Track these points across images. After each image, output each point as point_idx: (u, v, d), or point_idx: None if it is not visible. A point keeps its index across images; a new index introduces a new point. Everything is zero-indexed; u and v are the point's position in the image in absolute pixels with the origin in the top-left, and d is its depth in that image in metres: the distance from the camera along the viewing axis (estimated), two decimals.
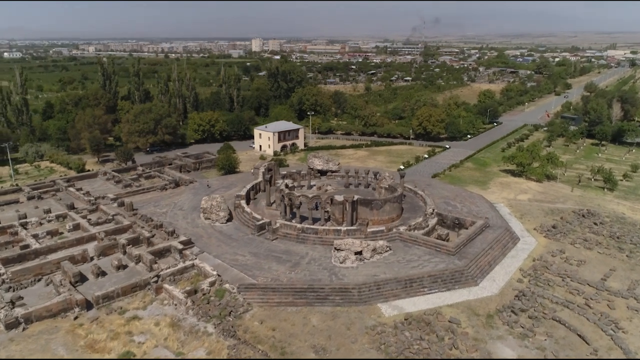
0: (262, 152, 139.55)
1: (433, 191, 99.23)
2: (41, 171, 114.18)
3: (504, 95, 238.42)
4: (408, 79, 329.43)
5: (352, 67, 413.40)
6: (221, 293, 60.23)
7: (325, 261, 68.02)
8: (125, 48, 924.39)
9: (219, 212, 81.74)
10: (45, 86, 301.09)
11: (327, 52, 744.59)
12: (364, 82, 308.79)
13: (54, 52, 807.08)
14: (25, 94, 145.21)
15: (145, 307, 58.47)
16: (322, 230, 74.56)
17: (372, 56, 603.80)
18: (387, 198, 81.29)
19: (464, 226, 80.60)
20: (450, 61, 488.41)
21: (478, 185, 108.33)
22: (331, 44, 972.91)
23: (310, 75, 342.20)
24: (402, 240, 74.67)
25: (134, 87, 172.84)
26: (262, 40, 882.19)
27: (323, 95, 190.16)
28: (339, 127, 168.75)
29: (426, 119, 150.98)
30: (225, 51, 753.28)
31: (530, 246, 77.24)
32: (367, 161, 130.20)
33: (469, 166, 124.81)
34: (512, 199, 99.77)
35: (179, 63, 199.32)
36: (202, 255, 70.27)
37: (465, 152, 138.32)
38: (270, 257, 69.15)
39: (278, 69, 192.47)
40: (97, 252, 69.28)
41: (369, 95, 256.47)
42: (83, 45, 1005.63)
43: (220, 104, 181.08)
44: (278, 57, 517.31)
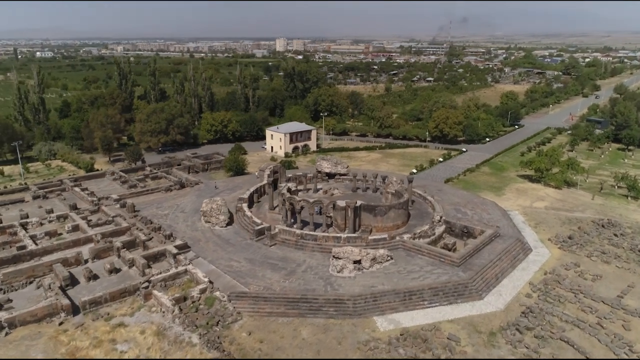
0: (274, 154, 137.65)
1: (444, 197, 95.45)
2: (51, 170, 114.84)
3: (528, 97, 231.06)
4: (430, 80, 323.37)
5: (374, 67, 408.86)
6: (211, 301, 58.26)
7: (323, 270, 65.37)
8: (152, 48, 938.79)
9: (218, 215, 79.96)
10: (70, 85, 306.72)
11: (351, 52, 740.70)
12: (384, 83, 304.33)
13: (84, 51, 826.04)
14: (43, 93, 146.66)
15: (133, 313, 56.93)
16: (322, 237, 71.92)
17: (395, 56, 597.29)
18: (392, 204, 78.10)
19: (473, 235, 76.81)
20: (475, 61, 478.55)
21: (493, 191, 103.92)
22: (356, 44, 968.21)
23: (331, 76, 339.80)
24: (405, 249, 71.41)
25: (149, 86, 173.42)
26: (286, 40, 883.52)
27: (339, 96, 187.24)
28: (354, 129, 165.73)
29: (443, 121, 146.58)
30: (249, 51, 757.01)
31: (543, 258, 72.94)
32: (380, 164, 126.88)
33: (485, 171, 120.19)
34: (528, 206, 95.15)
35: (194, 63, 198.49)
36: (197, 260, 68.52)
37: (483, 156, 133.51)
38: (266, 264, 66.91)
39: (294, 69, 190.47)
40: (91, 254, 68.27)
41: (389, 96, 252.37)
42: (112, 45, 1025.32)
43: (236, 104, 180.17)
44: (300, 57, 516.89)
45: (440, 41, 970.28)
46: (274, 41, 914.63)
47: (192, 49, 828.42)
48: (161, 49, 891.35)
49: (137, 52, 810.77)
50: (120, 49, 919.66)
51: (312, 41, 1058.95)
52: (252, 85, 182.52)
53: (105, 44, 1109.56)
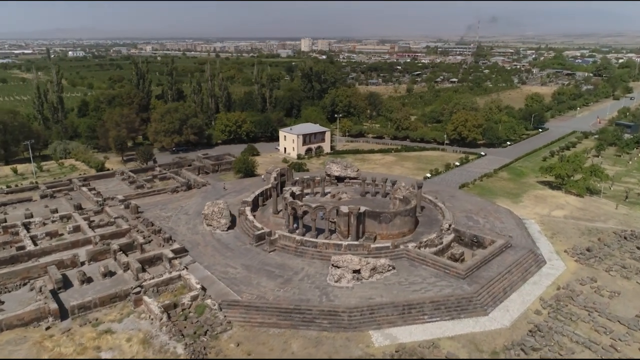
0: (286, 155, 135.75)
1: (456, 203, 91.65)
2: (63, 169, 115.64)
3: (555, 99, 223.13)
4: (454, 81, 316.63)
5: (398, 67, 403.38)
6: (201, 309, 56.49)
7: (320, 279, 62.86)
8: (180, 47, 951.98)
9: (220, 219, 78.33)
10: (95, 84, 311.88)
11: (376, 52, 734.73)
12: (406, 84, 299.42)
13: (114, 51, 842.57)
14: (61, 92, 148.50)
15: (122, 319, 55.59)
16: (322, 244, 69.41)
17: (421, 56, 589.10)
18: (398, 211, 75.00)
19: (483, 245, 73.02)
20: (502, 62, 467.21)
21: (509, 198, 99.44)
22: (382, 44, 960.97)
23: (353, 76, 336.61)
24: (409, 258, 68.27)
25: (167, 86, 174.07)
26: (311, 40, 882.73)
27: (357, 97, 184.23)
28: (371, 131, 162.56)
29: (462, 123, 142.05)
30: (274, 51, 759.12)
31: (557, 271, 68.67)
32: (393, 167, 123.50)
33: (502, 176, 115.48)
34: (546, 215, 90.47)
35: (211, 62, 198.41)
36: (193, 265, 66.96)
37: (502, 161, 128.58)
38: (262, 271, 64.81)
39: (312, 69, 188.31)
40: (88, 257, 67.48)
41: (410, 97, 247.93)
42: (141, 45, 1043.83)
43: (253, 104, 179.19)
44: (324, 57, 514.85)
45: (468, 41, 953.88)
46: (299, 41, 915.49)
47: (219, 49, 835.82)
48: (188, 49, 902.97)
49: (164, 52, 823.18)
50: (149, 48, 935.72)
51: (337, 41, 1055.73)
52: (270, 86, 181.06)
53: (135, 43, 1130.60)
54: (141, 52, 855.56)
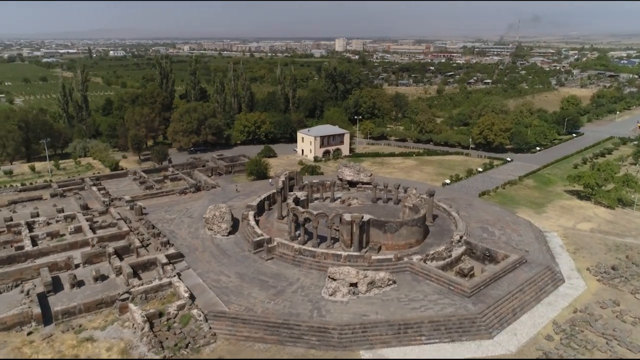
0: (303, 157, 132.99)
1: (472, 213, 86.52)
2: (79, 168, 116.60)
3: (594, 102, 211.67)
4: (488, 82, 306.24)
5: (431, 68, 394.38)
6: (186, 320, 54.22)
7: (315, 291, 59.60)
8: (216, 47, 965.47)
9: (220, 223, 76.17)
10: (129, 83, 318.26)
11: (411, 52, 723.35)
12: (437, 85, 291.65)
13: (153, 50, 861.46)
14: (86, 91, 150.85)
15: (105, 327, 53.96)
16: (320, 254, 66.10)
17: (456, 57, 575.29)
18: (404, 220, 70.87)
19: (496, 259, 67.94)
20: (541, 63, 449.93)
21: (532, 207, 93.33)
22: (418, 44, 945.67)
23: (383, 76, 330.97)
24: (412, 272, 64.11)
25: (190, 86, 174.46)
26: (345, 40, 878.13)
27: (382, 98, 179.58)
28: (393, 133, 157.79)
29: (488, 127, 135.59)
30: (308, 51, 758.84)
31: (576, 292, 63.06)
32: (413, 172, 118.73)
33: (528, 184, 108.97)
34: (570, 227, 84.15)
35: (234, 62, 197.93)
36: (187, 272, 64.95)
37: (529, 167, 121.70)
38: (256, 281, 62.10)
39: (335, 69, 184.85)
40: (83, 259, 66.49)
41: (439, 99, 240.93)
42: (180, 45, 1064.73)
43: (275, 105, 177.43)
44: (356, 57, 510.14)
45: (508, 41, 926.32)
46: (334, 41, 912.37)
47: (254, 49, 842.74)
48: (224, 49, 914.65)
49: (201, 52, 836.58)
50: (186, 48, 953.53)
51: (373, 41, 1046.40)
52: (293, 86, 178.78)
53: (174, 43, 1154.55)
54: (179, 51, 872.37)
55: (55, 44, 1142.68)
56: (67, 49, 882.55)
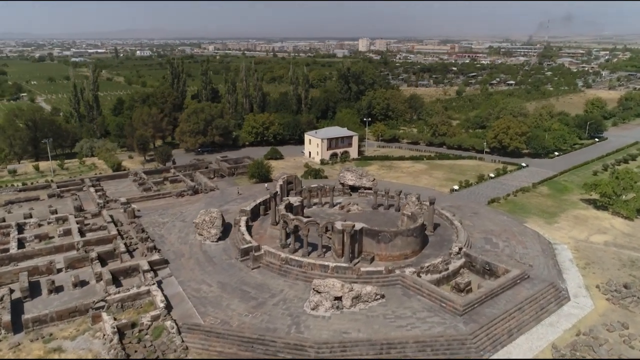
0: (310, 160, 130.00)
1: (477, 222, 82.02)
2: (83, 168, 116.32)
3: (621, 105, 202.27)
4: (511, 83, 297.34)
5: (453, 68, 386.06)
6: (158, 331, 51.84)
7: (297, 304, 56.50)
8: (240, 47, 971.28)
9: (210, 228, 73.81)
10: (149, 82, 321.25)
11: (435, 52, 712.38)
12: (458, 86, 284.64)
13: (179, 50, 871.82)
14: (97, 91, 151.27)
15: (76, 337, 52.02)
16: (307, 264, 62.96)
17: (481, 57, 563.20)
18: (399, 230, 67.11)
19: (496, 274, 63.58)
20: (569, 64, 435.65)
21: (543, 217, 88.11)
22: (443, 44, 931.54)
23: (403, 77, 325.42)
24: (404, 286, 60.38)
25: (201, 86, 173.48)
26: (369, 40, 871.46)
27: (396, 99, 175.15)
28: (406, 136, 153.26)
29: (503, 130, 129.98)
30: (331, 51, 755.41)
31: (582, 312, 58.29)
32: (421, 177, 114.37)
33: (542, 191, 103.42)
34: (583, 239, 78.84)
35: (246, 62, 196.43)
36: (169, 280, 62.72)
37: (545, 173, 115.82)
38: (237, 291, 59.38)
39: (349, 69, 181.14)
40: (65, 264, 64.97)
41: (458, 100, 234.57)
42: (205, 45, 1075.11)
43: (287, 105, 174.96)
44: (378, 57, 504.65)
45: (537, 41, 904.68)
46: (358, 41, 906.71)
47: (277, 49, 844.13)
48: (248, 48, 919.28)
49: (225, 51, 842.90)
50: (211, 48, 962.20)
51: (398, 41, 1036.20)
52: (305, 86, 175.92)
53: (199, 43, 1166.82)
54: (204, 51, 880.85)
55: (86, 43, 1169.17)
56: (96, 49, 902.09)
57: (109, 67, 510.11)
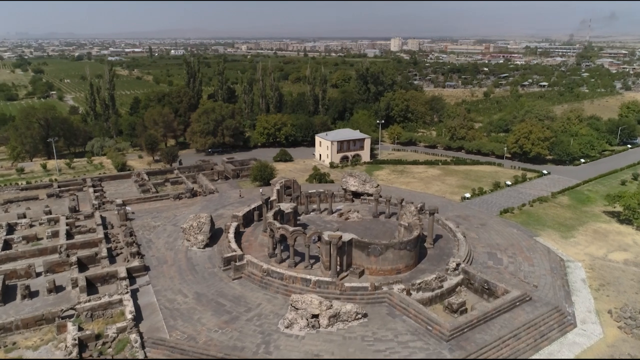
0: (320, 163, 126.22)
1: (483, 235, 76.46)
2: (89, 167, 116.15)
3: None
4: (544, 85, 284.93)
5: (484, 69, 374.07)
6: (122, 345, 49.22)
7: (272, 321, 52.91)
8: (272, 47, 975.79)
9: (197, 234, 71.15)
10: (175, 81, 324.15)
11: (469, 52, 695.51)
12: (487, 87, 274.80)
13: (212, 50, 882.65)
14: (113, 90, 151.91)
15: (39, 347, 49.99)
16: (288, 277, 59.26)
17: (516, 57, 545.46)
18: (391, 243, 62.56)
19: (495, 294, 58.31)
20: (609, 64, 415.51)
21: (559, 230, 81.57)
22: (479, 44, 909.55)
23: (430, 78, 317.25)
24: (390, 305, 55.90)
25: (217, 85, 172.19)
26: (401, 39, 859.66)
27: (416, 101, 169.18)
28: (423, 139, 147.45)
29: (524, 135, 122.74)
30: (362, 50, 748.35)
31: (588, 341, 52.47)
32: (432, 183, 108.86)
33: (561, 201, 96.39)
34: (600, 257, 72.20)
35: (263, 62, 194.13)
36: (146, 288, 60.29)
37: (567, 182, 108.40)
38: (212, 304, 56.28)
39: (368, 69, 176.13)
40: (45, 267, 63.46)
41: (485, 102, 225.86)
42: (238, 44, 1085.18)
43: (304, 106, 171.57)
44: (407, 57, 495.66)
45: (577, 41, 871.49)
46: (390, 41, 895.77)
47: (309, 48, 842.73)
48: (280, 48, 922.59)
49: (258, 51, 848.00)
50: (244, 47, 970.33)
51: (432, 41, 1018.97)
52: (323, 87, 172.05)
53: (233, 42, 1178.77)
54: (237, 50, 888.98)
55: (125, 43, 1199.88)
56: (134, 48, 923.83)
57: (142, 66, 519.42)
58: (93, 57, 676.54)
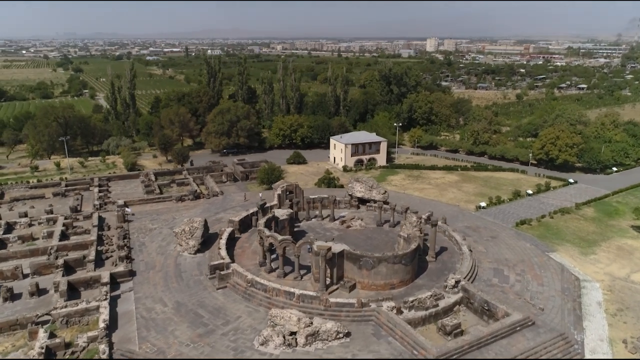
0: (334, 166, 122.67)
1: (492, 249, 71.24)
2: (101, 166, 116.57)
3: None
4: (583, 87, 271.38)
5: (521, 70, 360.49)
6: (90, 355, 47.45)
7: (248, 336, 49.96)
8: (307, 47, 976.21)
9: (188, 240, 69.11)
10: (204, 80, 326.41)
11: (507, 53, 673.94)
12: (522, 89, 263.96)
13: (248, 49, 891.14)
14: (134, 89, 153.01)
15: (8, 353, 48.80)
16: (272, 289, 56.17)
17: (557, 58, 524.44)
18: (384, 256, 58.51)
19: (495, 316, 53.46)
20: None
21: (579, 246, 75.28)
22: (519, 44, 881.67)
23: (462, 79, 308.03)
24: (377, 324, 51.98)
25: (238, 85, 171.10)
26: (437, 39, 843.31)
27: (440, 103, 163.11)
28: (444, 143, 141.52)
29: (551, 141, 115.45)
30: (396, 51, 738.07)
31: None
32: (448, 190, 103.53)
33: (585, 214, 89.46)
34: (622, 277, 65.84)
35: (284, 62, 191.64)
36: (127, 294, 58.52)
37: (595, 192, 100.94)
38: (191, 315, 53.83)
39: (390, 70, 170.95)
40: (32, 269, 62.72)
41: (517, 105, 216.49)
42: (274, 44, 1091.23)
43: (325, 107, 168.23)
44: (441, 57, 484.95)
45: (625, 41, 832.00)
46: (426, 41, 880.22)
47: (343, 49, 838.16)
48: (315, 48, 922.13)
49: (292, 51, 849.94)
50: (279, 47, 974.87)
51: (469, 41, 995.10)
52: (344, 87, 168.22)
53: (269, 42, 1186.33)
54: (272, 50, 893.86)
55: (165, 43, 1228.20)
56: (172, 48, 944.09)
57: (177, 65, 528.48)
58: (132, 57, 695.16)
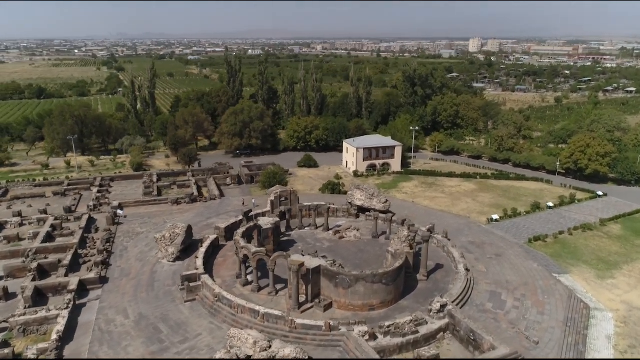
0: (346, 170, 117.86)
1: (493, 268, 64.78)
2: (110, 165, 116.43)
3: None
4: (631, 90, 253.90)
5: (565, 72, 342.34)
6: None
7: (203, 357, 46.30)
8: (347, 47, 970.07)
9: (167, 247, 66.36)
10: None
11: (555, 53, 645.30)
12: (563, 92, 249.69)
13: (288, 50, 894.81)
14: (154, 89, 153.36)
15: None
16: (237, 306, 52.29)
17: (608, 60, 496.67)
18: (362, 275, 53.57)
19: (480, 348, 47.61)
20: None
21: (596, 268, 67.58)
22: (569, 44, 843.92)
23: (499, 81, 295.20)
24: (345, 350, 47.21)
25: (258, 86, 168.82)
26: (480, 40, 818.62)
27: (467, 106, 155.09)
28: (467, 148, 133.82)
29: (580, 149, 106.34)
30: (438, 51, 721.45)
31: None
32: (461, 200, 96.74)
33: (610, 231, 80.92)
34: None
35: (305, 63, 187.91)
36: (93, 303, 56.13)
37: (626, 207, 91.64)
38: (150, 329, 50.76)
39: (415, 71, 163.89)
40: (5, 272, 61.54)
41: (554, 109, 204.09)
42: (315, 44, 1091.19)
43: (346, 109, 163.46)
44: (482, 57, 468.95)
45: None
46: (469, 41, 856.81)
47: (384, 49, 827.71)
48: (355, 48, 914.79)
49: (332, 51, 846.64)
50: (319, 47, 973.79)
51: (516, 42, 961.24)
52: (367, 89, 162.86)
53: (310, 42, 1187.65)
54: (311, 51, 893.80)
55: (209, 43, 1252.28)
56: (215, 48, 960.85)
57: (215, 65, 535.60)
58: (175, 56, 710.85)
